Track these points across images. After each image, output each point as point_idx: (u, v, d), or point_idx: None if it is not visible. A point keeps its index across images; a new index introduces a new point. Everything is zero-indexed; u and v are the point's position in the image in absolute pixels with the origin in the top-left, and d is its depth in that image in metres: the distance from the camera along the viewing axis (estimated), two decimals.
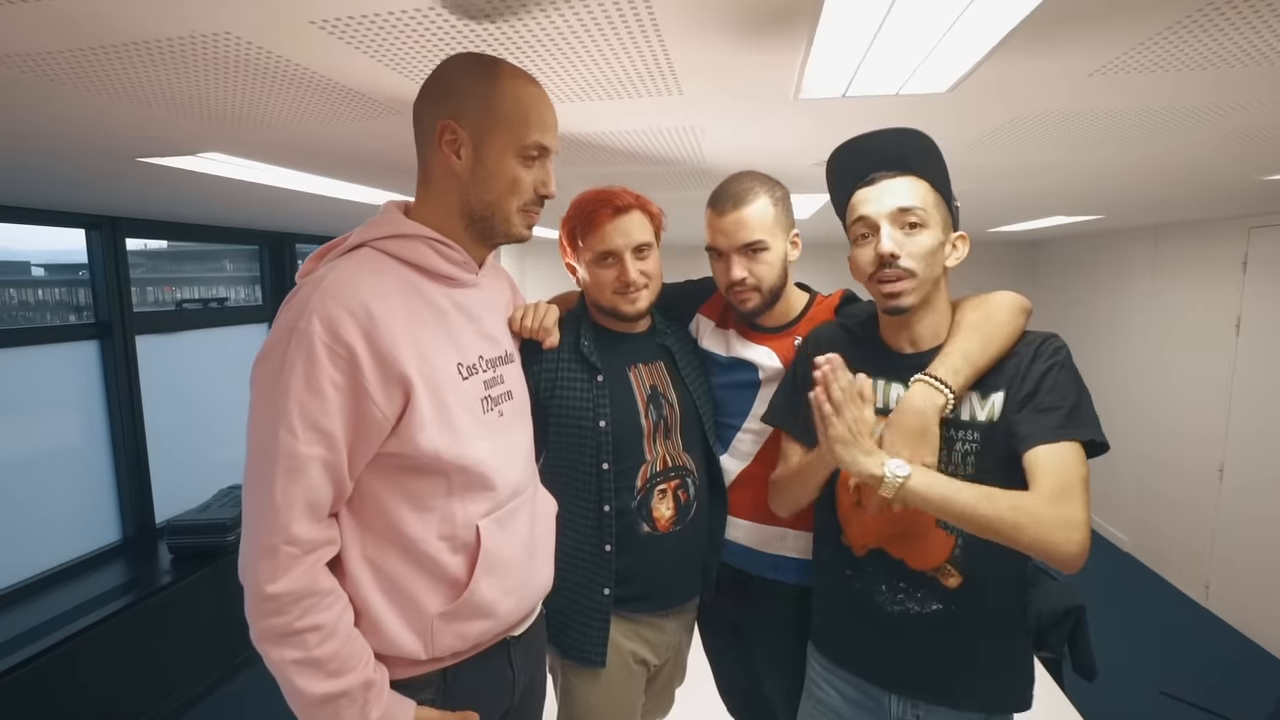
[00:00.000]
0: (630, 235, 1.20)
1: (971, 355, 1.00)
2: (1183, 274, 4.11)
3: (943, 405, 0.98)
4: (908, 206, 1.01)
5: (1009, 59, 1.03)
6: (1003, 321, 1.03)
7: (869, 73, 1.09)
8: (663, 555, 1.22)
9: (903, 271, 1.00)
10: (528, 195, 0.93)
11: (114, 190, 2.20)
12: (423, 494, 0.86)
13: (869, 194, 1.04)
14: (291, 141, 1.52)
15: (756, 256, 1.22)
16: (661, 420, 1.24)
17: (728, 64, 1.07)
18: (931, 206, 1.02)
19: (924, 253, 1.00)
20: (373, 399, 0.79)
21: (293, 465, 0.76)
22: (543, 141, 0.91)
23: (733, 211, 1.22)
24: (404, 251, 0.89)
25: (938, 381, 0.99)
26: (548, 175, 0.95)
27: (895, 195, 1.01)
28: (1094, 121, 1.41)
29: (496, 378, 0.98)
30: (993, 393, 1.01)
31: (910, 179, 1.03)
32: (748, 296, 1.24)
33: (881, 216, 1.01)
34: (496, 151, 0.90)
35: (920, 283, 1.01)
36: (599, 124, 1.42)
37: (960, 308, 1.08)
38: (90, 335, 3.03)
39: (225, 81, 1.08)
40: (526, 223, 0.96)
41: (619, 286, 1.21)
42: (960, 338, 1.02)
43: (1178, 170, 2.03)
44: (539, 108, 0.92)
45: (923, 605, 1.06)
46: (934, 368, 1.01)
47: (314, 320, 0.77)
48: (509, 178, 0.91)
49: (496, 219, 0.93)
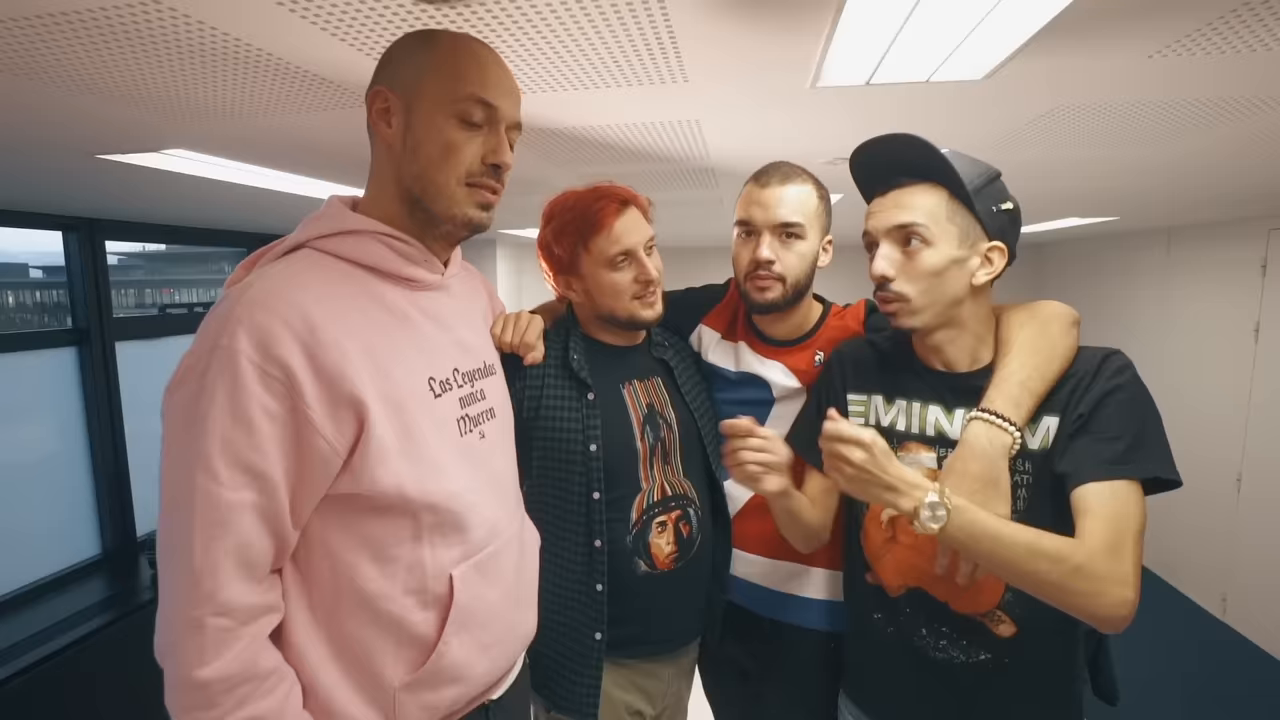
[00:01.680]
0: (640, 230, 1.10)
1: (1031, 382, 0.87)
2: (1197, 278, 4.00)
3: (1010, 445, 0.85)
4: (905, 224, 0.91)
5: (1057, 40, 0.91)
6: (1058, 339, 0.90)
7: (898, 58, 0.98)
8: (662, 596, 1.10)
9: (892, 295, 0.91)
10: (469, 165, 0.76)
11: (85, 190, 2.08)
12: (385, 540, 0.73)
13: (876, 205, 0.96)
14: (262, 136, 1.40)
15: (790, 243, 1.12)
16: (659, 443, 1.11)
17: (738, 48, 0.95)
18: (943, 219, 0.90)
19: (924, 273, 0.90)
20: (317, 428, 0.66)
21: (215, 518, 0.63)
22: (483, 96, 0.75)
23: (778, 186, 1.12)
24: (353, 251, 0.76)
25: (1000, 419, 0.86)
26: (499, 142, 0.78)
27: (895, 211, 0.92)
28: (1136, 114, 1.29)
29: (476, 393, 0.85)
30: (1045, 416, 0.89)
31: (923, 189, 0.92)
32: (769, 285, 1.12)
33: (881, 233, 0.94)
34: (426, 112, 0.75)
35: (920, 306, 0.91)
36: (592, 116, 1.30)
37: (1005, 322, 0.96)
38: (67, 342, 2.92)
39: (177, 66, 0.96)
40: (476, 201, 0.79)
41: (638, 289, 1.09)
42: (1014, 361, 0.89)
43: (1208, 170, 1.92)
44: (479, 62, 0.77)
45: (969, 654, 0.93)
46: (991, 400, 0.88)
47: (239, 335, 0.64)
48: (440, 142, 0.75)
49: (430, 196, 0.77)
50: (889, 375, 1.03)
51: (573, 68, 1.00)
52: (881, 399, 1.03)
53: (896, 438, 0.98)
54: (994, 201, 0.92)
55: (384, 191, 0.80)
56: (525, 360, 1.04)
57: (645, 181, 2.06)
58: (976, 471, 0.85)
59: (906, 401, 0.99)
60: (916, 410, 0.98)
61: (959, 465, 0.87)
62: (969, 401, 0.92)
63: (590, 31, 0.88)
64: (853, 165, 0.99)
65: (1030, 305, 0.97)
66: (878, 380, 1.04)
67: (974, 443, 0.86)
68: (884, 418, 1.01)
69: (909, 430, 0.98)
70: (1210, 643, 3.53)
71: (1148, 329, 4.40)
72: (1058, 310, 0.95)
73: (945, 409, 0.95)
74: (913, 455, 0.96)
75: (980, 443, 0.86)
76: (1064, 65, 1.02)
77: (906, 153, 0.92)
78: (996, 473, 0.84)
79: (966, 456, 0.86)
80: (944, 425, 0.95)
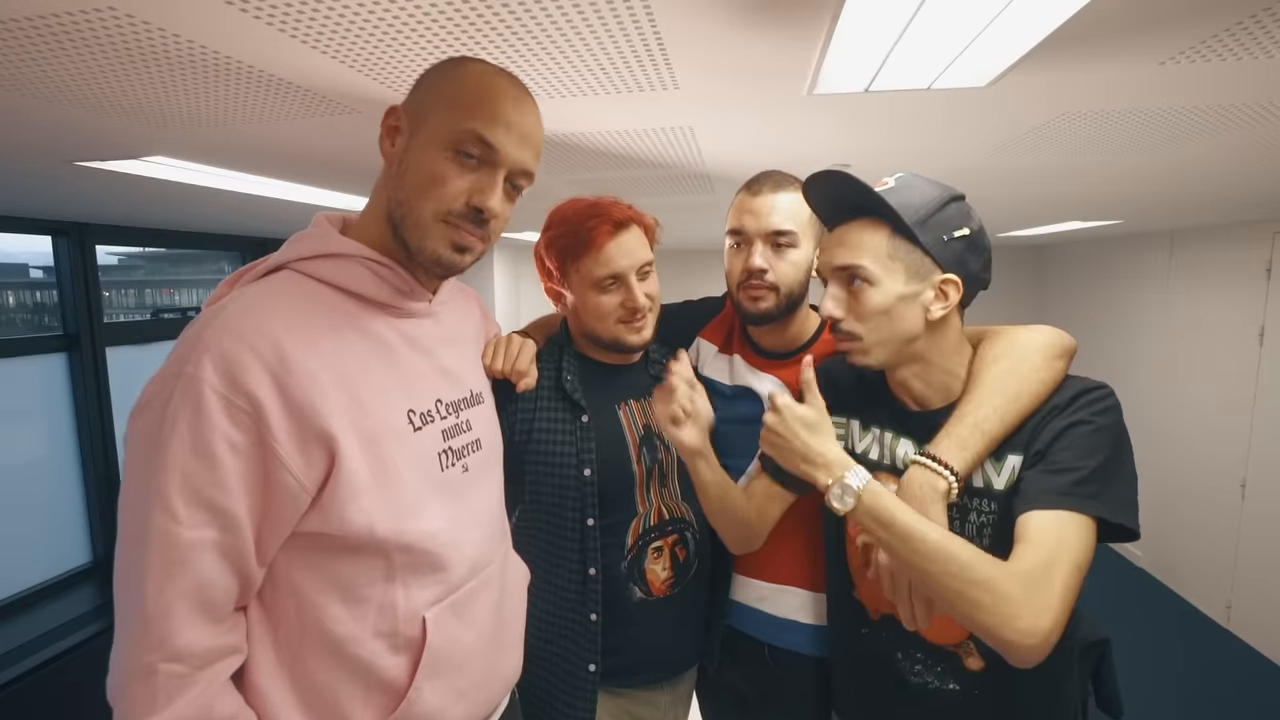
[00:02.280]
0: (634, 254, 1.04)
1: (986, 423, 0.83)
2: (1201, 281, 3.96)
3: (945, 492, 0.81)
4: (845, 265, 0.88)
5: (1065, 47, 0.87)
6: (1031, 374, 0.85)
7: (899, 63, 0.94)
8: (658, 623, 1.06)
9: (845, 334, 0.89)
10: (451, 202, 0.72)
11: (70, 195, 2.05)
12: (355, 581, 0.69)
13: (824, 242, 0.95)
14: (243, 143, 1.36)
15: (783, 252, 1.08)
16: (656, 465, 1.07)
17: (731, 56, 0.92)
18: (884, 257, 0.87)
19: (871, 312, 0.87)
20: (284, 463, 0.62)
21: (172, 557, 0.59)
22: (483, 133, 0.71)
23: (770, 194, 1.09)
24: (335, 275, 0.72)
25: (936, 464, 0.82)
26: (490, 184, 0.73)
27: (839, 248, 0.90)
28: (1143, 121, 1.25)
29: (460, 424, 0.81)
30: (1010, 455, 0.84)
31: (862, 225, 0.89)
32: (762, 294, 1.08)
33: (827, 270, 0.92)
34: (425, 137, 0.72)
35: (872, 344, 0.88)
36: (582, 123, 1.26)
37: (982, 351, 0.91)
38: (57, 347, 2.88)
39: (145, 74, 0.93)
40: (451, 240, 0.74)
41: (624, 315, 1.05)
42: (973, 400, 0.85)
43: (1213, 176, 1.88)
44: (494, 98, 0.73)
45: (941, 681, 0.91)
46: (936, 443, 0.85)
47: (204, 363, 0.60)
48: (428, 171, 0.71)
49: (406, 225, 0.73)
50: (865, 401, 1.00)
51: (559, 75, 0.96)
52: (858, 424, 1.00)
53: (869, 466, 0.93)
54: (945, 230, 0.87)
55: (376, 212, 0.76)
56: (518, 388, 1.00)
57: (640, 187, 2.03)
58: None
59: (880, 430, 0.97)
60: (888, 441, 0.95)
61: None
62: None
63: (575, 39, 0.84)
64: (806, 200, 0.97)
65: (1014, 334, 0.90)
66: (855, 404, 1.01)
67: (908, 487, 0.84)
68: (858, 444, 0.99)
69: (880, 460, 0.95)
70: (1214, 651, 3.48)
71: (1151, 331, 4.36)
72: (1042, 340, 0.88)
73: (916, 443, 0.92)
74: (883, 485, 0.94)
75: (913, 487, 0.83)
76: (1070, 72, 0.98)
77: (843, 190, 0.89)
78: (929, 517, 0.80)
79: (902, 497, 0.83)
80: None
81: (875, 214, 0.88)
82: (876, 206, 0.87)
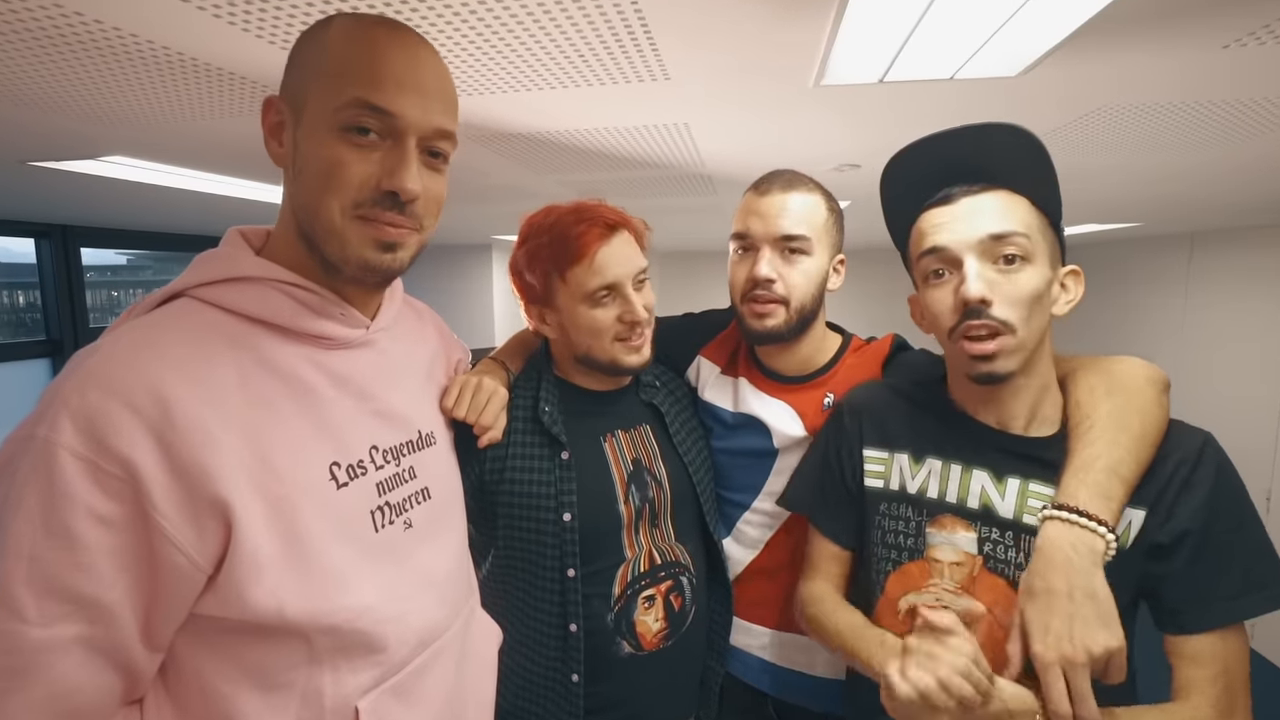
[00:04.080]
0: (629, 261, 0.91)
1: (1123, 468, 0.68)
2: (1223, 284, 3.82)
3: (1103, 552, 0.66)
4: (1003, 233, 0.71)
5: (1111, 29, 0.75)
6: (1150, 409, 0.72)
7: (917, 51, 0.83)
8: (648, 679, 0.94)
9: (997, 324, 0.70)
10: (358, 192, 0.58)
11: (48, 196, 1.97)
12: (271, 667, 0.57)
13: (945, 215, 0.74)
14: (205, 142, 1.27)
15: (794, 259, 0.94)
16: (647, 504, 0.95)
17: (725, 40, 0.81)
18: (1036, 233, 0.72)
19: (1027, 298, 0.71)
20: (170, 539, 0.51)
21: (15, 664, 0.48)
22: (371, 99, 0.57)
23: (780, 193, 0.95)
24: (243, 302, 0.60)
25: (1085, 518, 0.66)
26: (400, 161, 0.59)
27: (986, 217, 0.72)
28: (1199, 115, 1.12)
29: (401, 474, 0.69)
30: (1128, 507, 0.70)
31: (1005, 195, 0.73)
32: (769, 309, 0.95)
33: (966, 246, 0.72)
34: (308, 125, 0.59)
35: (1022, 341, 0.71)
36: (566, 119, 1.15)
37: (1079, 383, 0.76)
38: (40, 354, 2.80)
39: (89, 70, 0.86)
40: (372, 238, 0.60)
41: (622, 330, 0.92)
42: (1100, 440, 0.70)
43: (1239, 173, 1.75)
44: (373, 51, 0.58)
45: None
46: (1073, 492, 0.68)
47: (61, 423, 0.49)
48: (323, 161, 0.57)
49: (320, 234, 0.60)
50: (918, 427, 0.84)
51: (531, 64, 0.86)
52: (908, 458, 0.83)
53: (927, 508, 0.80)
54: (1060, 220, 0.76)
55: (286, 227, 0.64)
56: (481, 442, 0.88)
57: (636, 189, 1.92)
58: (1063, 589, 0.65)
59: (942, 462, 0.80)
60: (956, 474, 0.79)
61: (1038, 583, 0.67)
62: (1025, 471, 0.74)
63: (547, 22, 0.74)
64: (897, 166, 0.80)
65: (1107, 364, 0.77)
66: (903, 433, 0.85)
67: (1053, 553, 0.67)
68: (910, 482, 0.83)
69: (943, 498, 0.79)
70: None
71: (1170, 338, 4.22)
72: (1146, 373, 0.75)
73: (994, 476, 0.76)
74: (946, 533, 0.78)
75: (1062, 551, 0.66)
76: (1115, 59, 0.86)
77: (988, 150, 0.73)
78: (1091, 588, 0.64)
79: (1045, 571, 0.67)
80: (991, 497, 0.76)
81: (1013, 185, 0.73)
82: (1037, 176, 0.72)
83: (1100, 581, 0.65)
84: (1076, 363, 0.79)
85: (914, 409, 0.86)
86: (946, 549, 0.78)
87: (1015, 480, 0.75)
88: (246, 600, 0.54)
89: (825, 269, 0.97)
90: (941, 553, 0.78)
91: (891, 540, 0.82)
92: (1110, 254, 4.84)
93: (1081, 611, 0.64)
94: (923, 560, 0.79)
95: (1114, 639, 0.63)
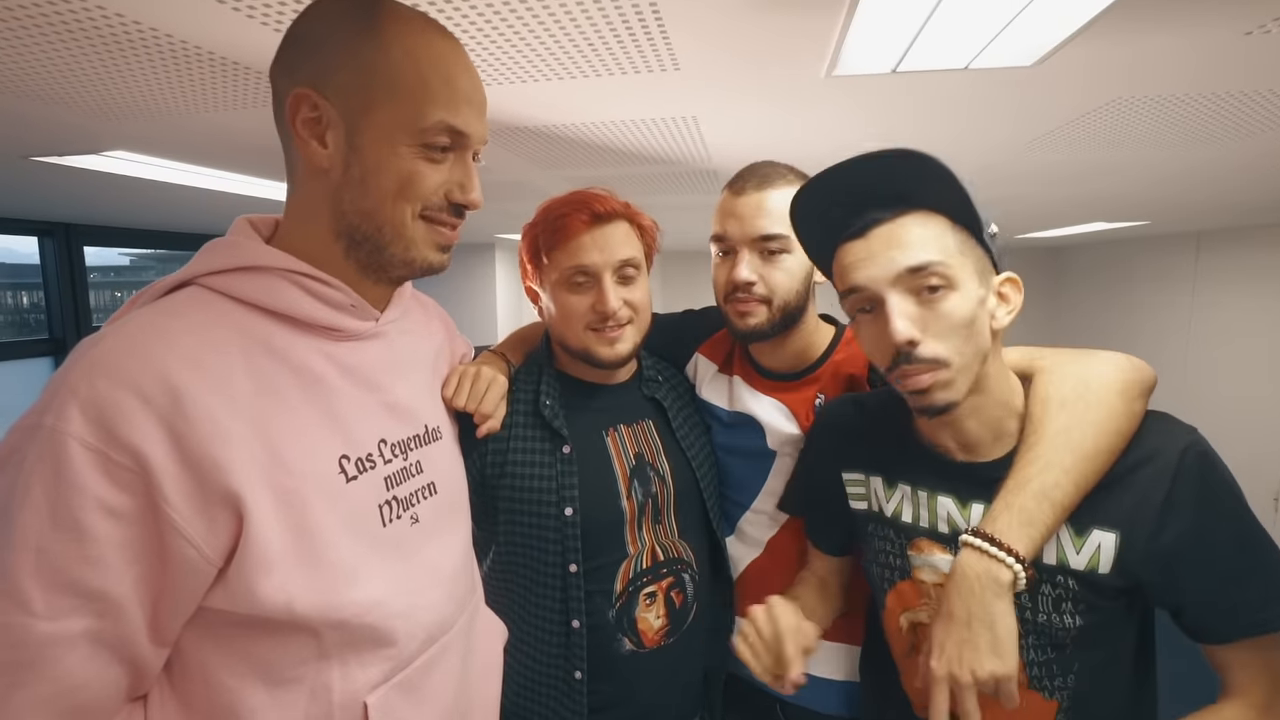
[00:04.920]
0: (611, 249, 0.90)
1: (1057, 491, 0.65)
2: (1230, 283, 3.80)
3: (1009, 583, 0.65)
4: (920, 265, 0.67)
5: (1131, 16, 0.74)
6: (1109, 422, 0.68)
7: (931, 40, 0.81)
8: (649, 677, 0.93)
9: (924, 363, 0.67)
10: (430, 198, 0.62)
11: (52, 193, 1.96)
12: (279, 662, 0.56)
13: (861, 250, 0.70)
14: (208, 135, 1.26)
15: (774, 259, 0.92)
16: (649, 499, 0.94)
17: (736, 28, 0.79)
18: (957, 255, 0.68)
19: (957, 325, 0.67)
20: (181, 531, 0.50)
21: (20, 658, 0.47)
22: (453, 123, 0.60)
23: (755, 192, 0.92)
24: (254, 292, 0.60)
25: (995, 548, 0.65)
26: (467, 174, 0.63)
27: (901, 250, 0.68)
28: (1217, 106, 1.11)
29: (409, 468, 0.68)
30: (1095, 529, 0.68)
31: (920, 217, 0.69)
32: (751, 309, 0.93)
33: (885, 283, 0.68)
34: (380, 136, 0.59)
35: (959, 369, 0.68)
36: (573, 112, 1.14)
37: (1041, 389, 0.73)
38: (42, 352, 2.79)
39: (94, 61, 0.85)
40: (437, 241, 0.65)
41: (594, 319, 0.90)
42: (1037, 459, 0.67)
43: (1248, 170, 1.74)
44: (447, 71, 0.60)
45: None
46: (994, 517, 0.67)
47: (69, 412, 0.48)
48: (400, 174, 0.60)
49: (386, 237, 0.62)
50: (885, 454, 0.83)
51: (540, 53, 0.85)
52: (881, 481, 0.82)
53: (905, 532, 0.79)
54: (984, 227, 0.71)
55: (312, 223, 0.63)
56: (479, 431, 0.87)
57: (643, 185, 1.91)
58: (963, 615, 0.65)
59: (911, 488, 0.79)
60: (924, 500, 0.77)
61: (944, 606, 0.67)
62: (987, 496, 0.71)
63: (559, 9, 0.72)
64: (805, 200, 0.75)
65: (1079, 367, 0.72)
66: (873, 457, 0.84)
67: (959, 580, 0.67)
68: (886, 505, 0.82)
69: (917, 523, 0.78)
70: None
71: (1177, 337, 4.19)
72: (1117, 376, 0.71)
73: (959, 502, 0.75)
74: (925, 555, 0.77)
75: (967, 580, 0.66)
76: (1133, 47, 0.85)
77: (891, 175, 0.69)
78: (990, 616, 0.64)
79: (951, 596, 0.67)
80: (958, 522, 0.75)
81: (927, 204, 0.69)
82: (944, 189, 0.68)
83: (1001, 610, 0.65)
84: (1047, 361, 0.75)
85: (881, 433, 0.83)
86: (927, 570, 0.77)
87: (979, 505, 0.73)
88: (256, 594, 0.53)
89: (808, 265, 0.94)
90: (924, 574, 0.77)
91: (883, 560, 0.82)
92: (1117, 253, 4.82)
93: (975, 639, 0.64)
94: (910, 581, 0.79)
95: (1001, 667, 0.63)
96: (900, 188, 0.69)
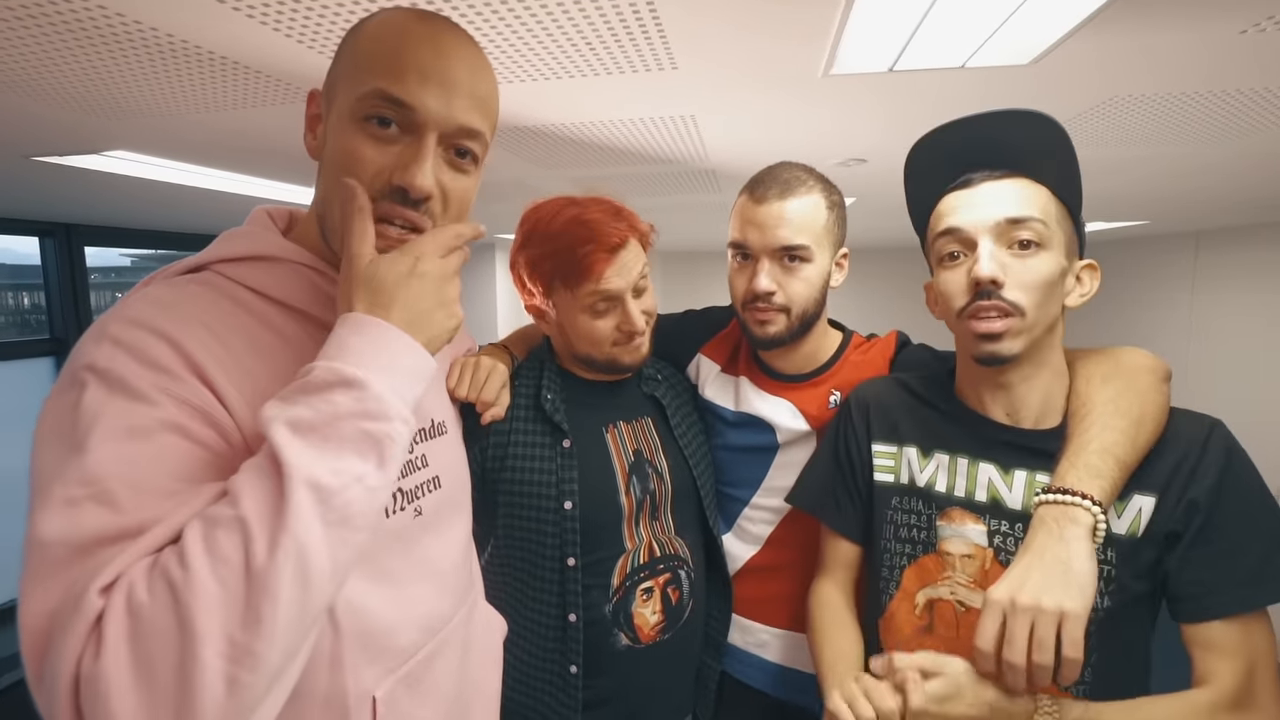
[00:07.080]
0: (630, 272, 0.90)
1: (1117, 448, 0.68)
2: (1231, 283, 3.80)
3: (1091, 528, 0.65)
4: (1020, 218, 0.71)
5: (1126, 14, 0.74)
6: (1149, 394, 0.72)
7: (928, 39, 0.82)
8: (645, 672, 0.94)
9: (1006, 305, 0.70)
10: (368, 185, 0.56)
11: (52, 193, 1.96)
12: None
13: (963, 199, 0.75)
14: (210, 136, 1.26)
15: (794, 268, 0.93)
16: (648, 495, 0.94)
17: (734, 29, 0.80)
18: (1053, 221, 0.72)
19: (1039, 283, 0.71)
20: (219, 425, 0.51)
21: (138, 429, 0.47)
22: (391, 90, 0.55)
23: (777, 201, 0.92)
24: (267, 282, 0.60)
25: (1077, 497, 0.66)
26: (415, 156, 0.56)
27: (1002, 202, 0.72)
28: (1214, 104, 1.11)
29: (414, 461, 0.69)
30: (1137, 494, 0.70)
31: (1024, 182, 0.73)
32: (770, 318, 0.95)
33: (981, 229, 0.72)
34: (335, 116, 0.58)
35: (1030, 325, 0.71)
36: (569, 111, 1.15)
37: (1084, 369, 0.77)
38: (43, 352, 2.80)
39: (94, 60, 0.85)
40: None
41: (620, 337, 0.92)
42: (1095, 422, 0.70)
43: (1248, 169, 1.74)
44: (401, 43, 0.57)
45: None
46: (1063, 475, 0.68)
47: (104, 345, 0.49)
48: (339, 152, 0.57)
49: (328, 225, 0.60)
50: (925, 422, 0.84)
51: (539, 52, 0.85)
52: (916, 451, 0.84)
53: (936, 502, 0.80)
54: (1079, 213, 0.76)
55: (312, 215, 0.64)
56: (482, 419, 0.88)
57: (640, 185, 1.91)
58: (1036, 550, 0.65)
59: (949, 456, 0.80)
60: (963, 468, 0.79)
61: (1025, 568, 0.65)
62: (1032, 464, 0.74)
63: (556, 8, 0.73)
64: (921, 150, 0.80)
65: (1109, 354, 0.78)
66: (911, 427, 0.85)
67: (1038, 527, 0.67)
68: (919, 475, 0.83)
69: (951, 493, 0.79)
70: None
71: (1175, 337, 4.19)
72: (1145, 361, 0.76)
73: (1001, 469, 0.76)
74: (956, 526, 0.78)
75: (1045, 524, 0.66)
76: (1131, 46, 0.85)
77: (1020, 135, 0.73)
78: (1067, 555, 0.64)
79: (1029, 541, 0.67)
80: (999, 490, 0.76)
81: (1036, 174, 0.73)
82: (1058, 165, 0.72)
83: (1079, 552, 0.63)
84: (1079, 354, 0.80)
85: (920, 403, 0.86)
86: (957, 541, 0.77)
87: (1022, 473, 0.75)
88: None
89: (826, 271, 0.96)
90: (952, 545, 0.78)
91: (905, 534, 0.82)
92: (1116, 252, 4.82)
93: (1048, 570, 0.63)
94: (936, 554, 0.79)
95: (1070, 601, 0.60)
96: (1015, 152, 0.73)
